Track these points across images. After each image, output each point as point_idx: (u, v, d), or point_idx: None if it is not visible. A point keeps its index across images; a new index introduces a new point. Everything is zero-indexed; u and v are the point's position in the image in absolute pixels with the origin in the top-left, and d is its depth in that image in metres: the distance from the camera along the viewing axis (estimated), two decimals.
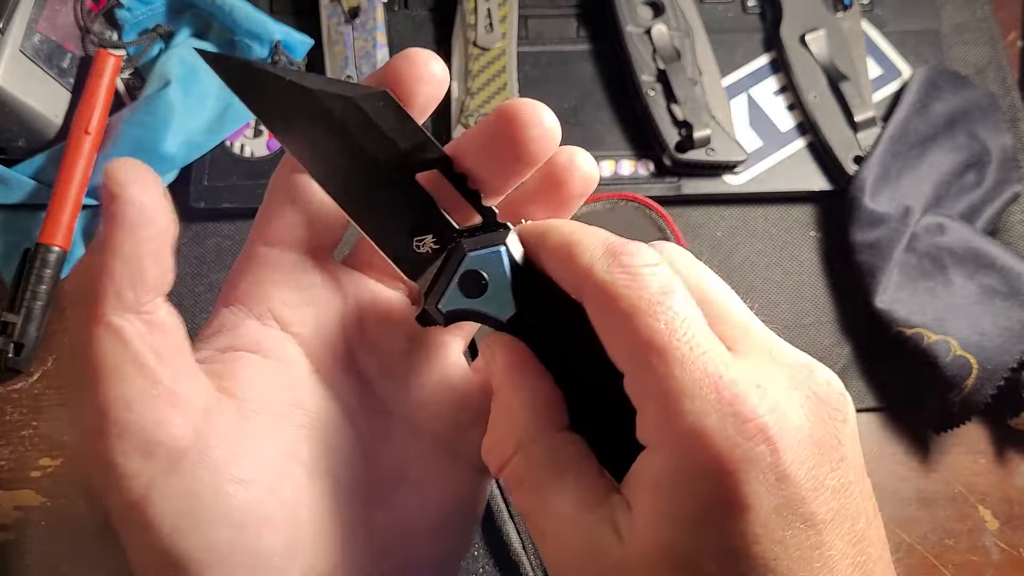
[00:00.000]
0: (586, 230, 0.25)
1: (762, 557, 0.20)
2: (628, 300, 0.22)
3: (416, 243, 0.28)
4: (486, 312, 0.27)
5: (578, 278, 0.24)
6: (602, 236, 0.25)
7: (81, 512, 0.53)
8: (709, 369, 0.21)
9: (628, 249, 0.24)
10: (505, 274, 0.27)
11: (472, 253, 0.27)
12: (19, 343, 0.54)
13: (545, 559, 0.26)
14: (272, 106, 0.27)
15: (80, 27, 0.60)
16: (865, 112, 0.59)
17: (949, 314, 0.53)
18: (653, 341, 0.22)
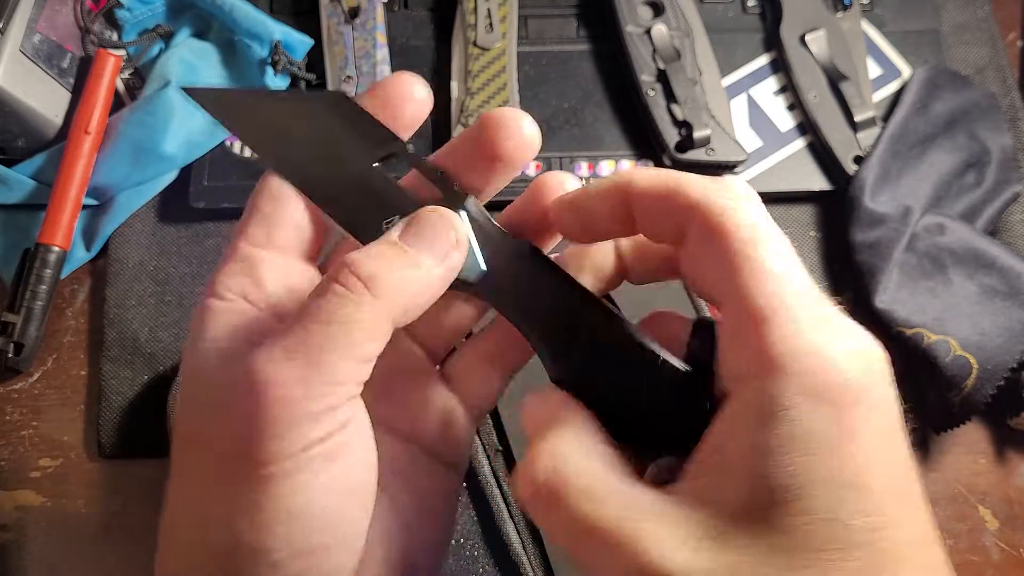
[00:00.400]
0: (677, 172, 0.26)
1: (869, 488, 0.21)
2: (752, 222, 0.24)
3: (385, 224, 0.28)
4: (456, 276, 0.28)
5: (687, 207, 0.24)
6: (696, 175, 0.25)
7: (81, 512, 0.53)
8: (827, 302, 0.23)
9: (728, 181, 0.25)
10: (468, 236, 0.28)
11: None
12: (19, 343, 0.54)
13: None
14: (243, 121, 0.30)
15: (80, 27, 0.60)
16: (865, 112, 0.59)
17: (949, 314, 0.53)
18: (780, 262, 0.24)
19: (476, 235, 0.28)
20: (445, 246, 0.26)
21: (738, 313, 0.23)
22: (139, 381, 0.55)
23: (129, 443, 0.54)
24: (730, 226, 0.24)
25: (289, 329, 0.24)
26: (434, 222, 0.26)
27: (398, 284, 0.25)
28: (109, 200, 0.58)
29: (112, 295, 0.57)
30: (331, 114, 0.30)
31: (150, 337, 0.56)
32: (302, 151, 0.29)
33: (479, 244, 0.28)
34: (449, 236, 0.26)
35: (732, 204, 0.24)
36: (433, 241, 0.26)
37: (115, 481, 0.54)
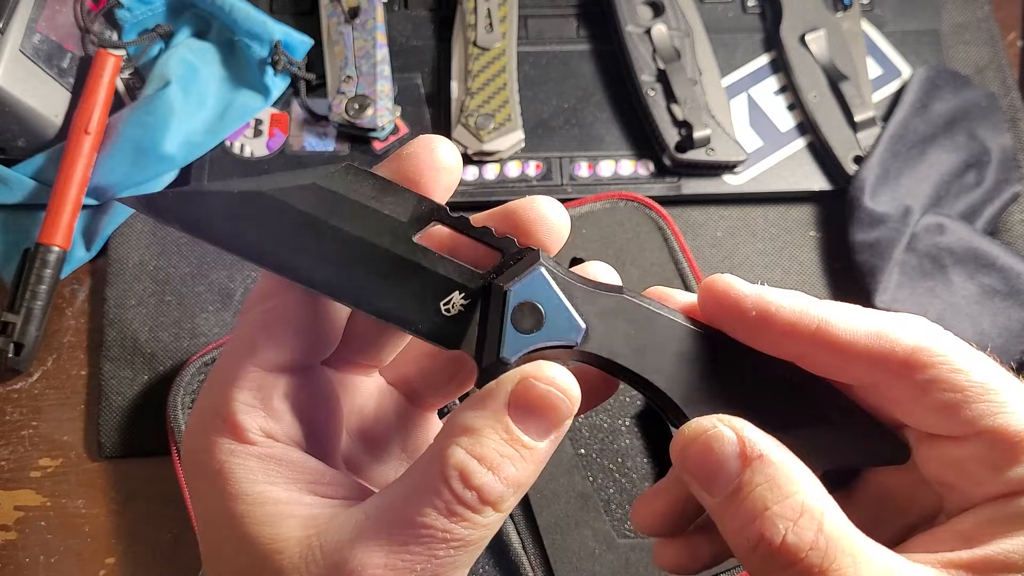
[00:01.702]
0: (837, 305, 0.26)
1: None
2: (971, 365, 0.25)
3: (444, 307, 0.25)
4: (555, 343, 0.24)
5: (900, 361, 0.25)
6: (897, 315, 0.26)
7: (81, 512, 0.53)
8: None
9: (934, 326, 0.26)
10: (556, 294, 0.24)
11: (513, 286, 0.24)
12: (19, 343, 0.54)
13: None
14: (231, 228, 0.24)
15: (80, 27, 0.60)
16: (865, 112, 0.59)
17: (949, 314, 0.53)
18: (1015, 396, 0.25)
19: (563, 292, 0.24)
20: (562, 420, 0.24)
21: (979, 441, 0.24)
22: (139, 381, 0.55)
23: (129, 443, 0.54)
24: (958, 380, 0.25)
25: (412, 550, 0.22)
26: (551, 399, 0.23)
27: (524, 484, 0.23)
28: (109, 200, 0.58)
29: (112, 295, 0.57)
30: (344, 190, 0.25)
31: (150, 337, 0.56)
32: (310, 244, 0.24)
33: (569, 301, 0.25)
34: (566, 408, 0.24)
35: (947, 351, 0.25)
36: (550, 421, 0.24)
37: (115, 481, 0.54)
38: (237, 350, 0.25)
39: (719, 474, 0.24)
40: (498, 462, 0.23)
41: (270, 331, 0.25)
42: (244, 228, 0.24)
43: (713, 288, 0.25)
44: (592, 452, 0.52)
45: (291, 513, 0.23)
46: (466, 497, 0.22)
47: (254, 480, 0.23)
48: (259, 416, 0.24)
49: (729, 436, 0.23)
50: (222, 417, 0.24)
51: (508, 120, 0.59)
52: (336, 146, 0.60)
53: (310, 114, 0.61)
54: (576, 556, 0.50)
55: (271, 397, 0.25)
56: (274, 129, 0.61)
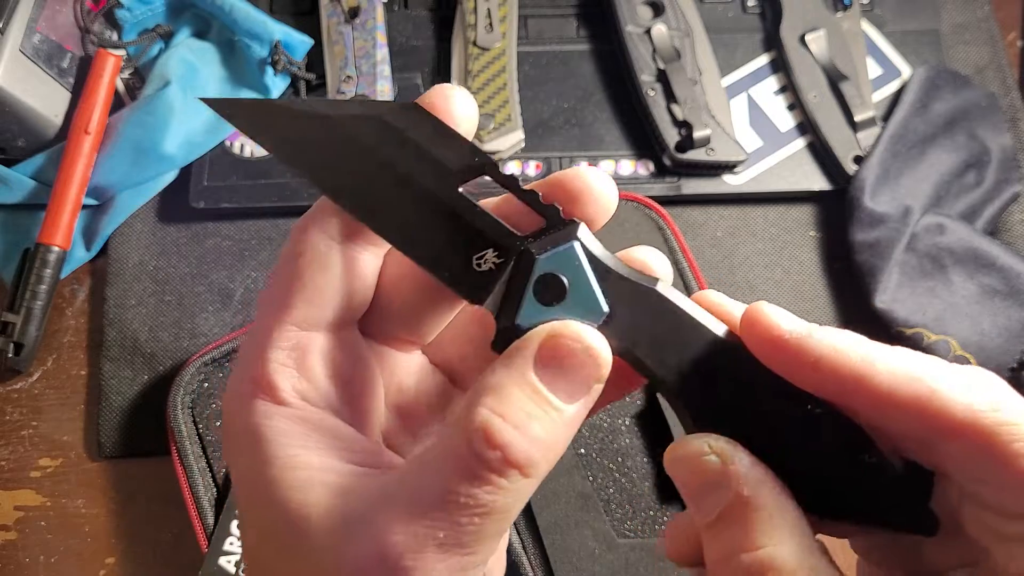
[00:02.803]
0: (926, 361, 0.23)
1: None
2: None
3: (476, 261, 0.24)
4: (572, 319, 0.24)
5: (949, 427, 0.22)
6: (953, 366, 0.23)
7: (81, 512, 0.53)
8: None
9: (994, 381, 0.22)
10: (585, 272, 0.24)
11: (542, 256, 0.24)
12: (19, 343, 0.54)
13: None
14: (292, 143, 0.25)
15: (80, 27, 0.60)
16: (865, 112, 0.59)
17: (949, 314, 0.53)
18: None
19: (592, 270, 0.24)
20: (591, 381, 0.23)
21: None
22: (139, 381, 0.55)
23: (129, 443, 0.54)
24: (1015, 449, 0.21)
25: (435, 515, 0.21)
26: (579, 357, 0.23)
27: (553, 449, 0.22)
28: (109, 200, 0.58)
29: (112, 295, 0.57)
30: (404, 129, 0.25)
31: (150, 337, 0.56)
32: (363, 172, 0.25)
33: (596, 281, 0.24)
34: (595, 367, 0.23)
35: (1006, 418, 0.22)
36: (579, 382, 0.23)
37: (115, 481, 0.54)
38: (269, 308, 0.24)
39: (703, 499, 0.23)
40: (523, 421, 0.22)
41: (302, 286, 0.24)
42: (305, 146, 0.25)
43: (752, 318, 0.24)
44: (592, 452, 0.52)
45: (320, 480, 0.23)
46: (489, 458, 0.21)
47: (286, 443, 0.23)
48: (293, 376, 0.24)
49: (716, 465, 0.23)
50: (255, 378, 0.24)
51: (508, 120, 0.59)
52: None
53: None
54: (576, 556, 0.50)
55: (305, 356, 0.24)
56: None
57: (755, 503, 0.22)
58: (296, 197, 0.59)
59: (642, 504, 0.51)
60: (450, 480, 0.21)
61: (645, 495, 0.52)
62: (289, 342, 0.24)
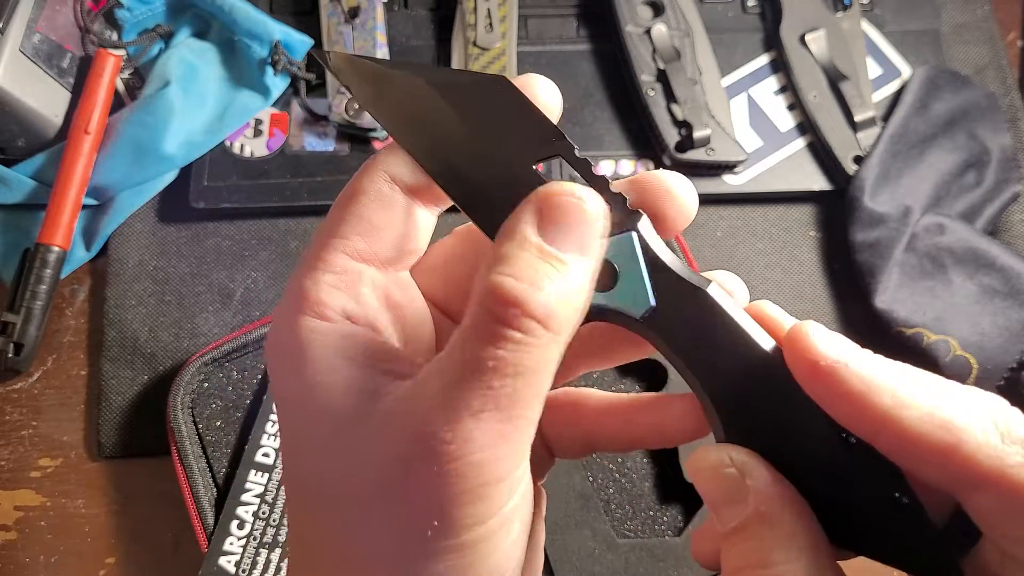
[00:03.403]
0: (948, 390, 0.22)
1: None
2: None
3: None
4: (617, 308, 0.24)
5: (976, 476, 0.21)
6: (988, 406, 0.22)
7: (81, 512, 0.53)
8: None
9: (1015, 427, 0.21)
10: (638, 262, 0.24)
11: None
12: (19, 343, 0.54)
13: None
14: (383, 96, 0.26)
15: (80, 27, 0.60)
16: (865, 112, 0.59)
17: (949, 314, 0.53)
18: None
19: (646, 262, 0.24)
20: (592, 229, 0.23)
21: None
22: (139, 381, 0.55)
23: (129, 443, 0.54)
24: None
25: (466, 386, 0.21)
26: (576, 209, 0.22)
27: (570, 303, 0.22)
28: (109, 200, 0.58)
29: (112, 295, 0.57)
30: (489, 100, 0.25)
31: (150, 337, 0.56)
32: (445, 133, 0.25)
33: (648, 273, 0.24)
34: (593, 216, 0.23)
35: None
36: (582, 234, 0.22)
37: (115, 481, 0.54)
38: (324, 235, 0.25)
39: (723, 508, 0.23)
40: (535, 277, 0.21)
41: (359, 219, 0.25)
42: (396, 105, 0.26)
43: (794, 337, 0.23)
44: None
45: (360, 383, 0.23)
46: (508, 316, 0.21)
47: (333, 355, 0.23)
48: (342, 297, 0.24)
49: (736, 479, 0.23)
50: (305, 295, 0.24)
51: None
52: (336, 146, 0.60)
53: (310, 114, 0.61)
54: (576, 556, 0.50)
55: (356, 283, 0.24)
56: (274, 129, 0.61)
57: (771, 520, 0.22)
58: (296, 197, 0.59)
59: (642, 504, 0.51)
60: (475, 348, 0.21)
61: (645, 495, 0.52)
62: (339, 267, 0.24)
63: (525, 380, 0.21)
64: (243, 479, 0.49)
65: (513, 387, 0.21)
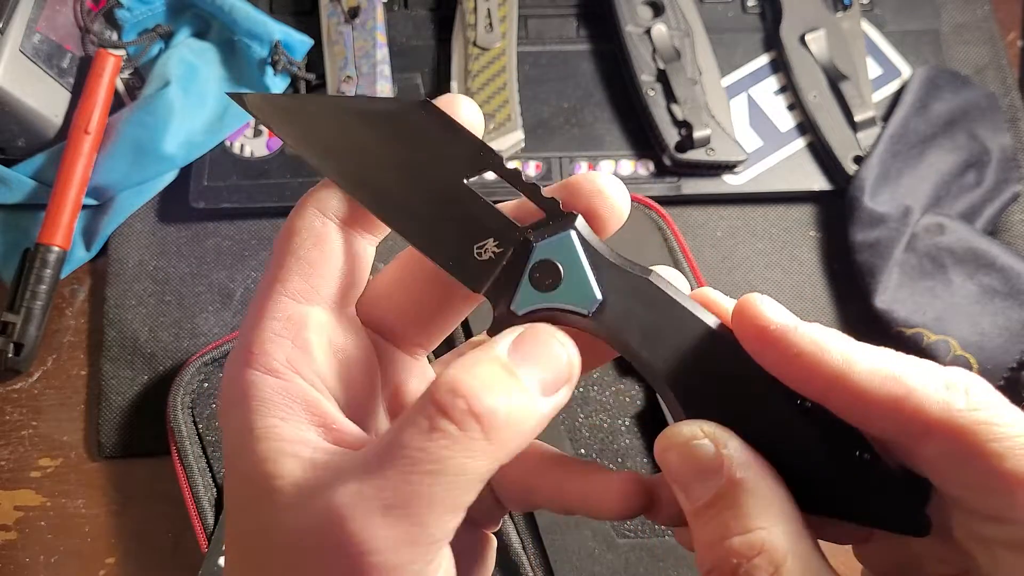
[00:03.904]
0: (899, 357, 0.22)
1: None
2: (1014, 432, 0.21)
3: (477, 250, 0.25)
4: (566, 307, 0.24)
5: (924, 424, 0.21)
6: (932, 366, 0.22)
7: (81, 512, 0.53)
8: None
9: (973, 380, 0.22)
10: (580, 259, 0.24)
11: (540, 243, 0.25)
12: (19, 343, 0.54)
13: None
14: (305, 131, 0.26)
15: (80, 27, 0.60)
16: (865, 112, 0.59)
17: (949, 314, 0.53)
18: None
19: (587, 258, 0.25)
20: (559, 375, 0.23)
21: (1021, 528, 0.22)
22: (139, 381, 0.55)
23: (129, 443, 0.54)
24: (992, 449, 0.21)
25: (384, 474, 0.20)
26: (548, 343, 0.23)
27: (516, 424, 0.21)
28: (109, 200, 0.58)
29: (112, 295, 0.57)
30: (413, 124, 0.26)
31: (150, 337, 0.56)
32: (373, 162, 0.26)
33: (591, 269, 0.24)
34: (564, 362, 0.23)
35: (983, 417, 0.21)
36: (547, 368, 0.23)
37: (115, 481, 0.54)
38: (266, 281, 0.25)
39: (694, 485, 0.23)
40: (492, 383, 0.21)
41: (297, 259, 0.25)
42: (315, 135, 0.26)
43: (742, 307, 0.24)
44: (592, 452, 0.52)
45: (294, 452, 0.22)
46: (449, 404, 0.20)
47: (266, 413, 0.23)
48: (287, 346, 0.24)
49: (709, 450, 0.23)
50: (249, 345, 0.24)
51: (508, 120, 0.59)
52: None
53: None
54: (576, 556, 0.50)
55: (301, 328, 0.24)
56: None
57: (747, 487, 0.22)
58: (296, 197, 0.58)
59: None
60: (404, 434, 0.21)
61: None
62: (284, 313, 0.24)
63: (445, 483, 0.20)
64: None
65: (430, 488, 0.20)
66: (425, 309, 0.28)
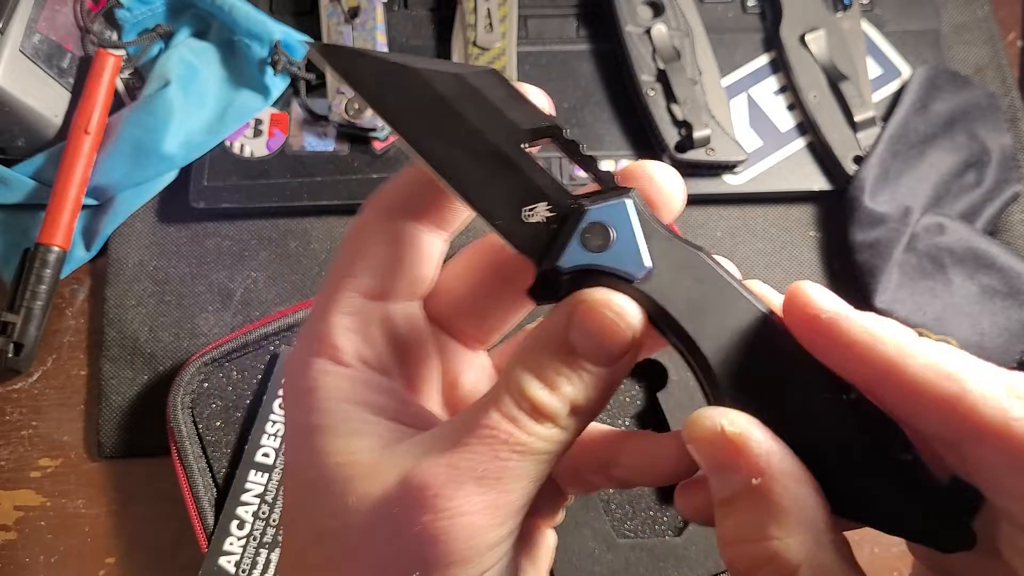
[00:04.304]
0: (960, 356, 0.21)
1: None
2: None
3: (526, 212, 0.25)
4: (614, 267, 0.24)
5: (977, 427, 0.20)
6: (993, 368, 0.21)
7: (81, 512, 0.53)
8: None
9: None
10: (632, 225, 0.24)
11: (593, 207, 0.24)
12: (19, 343, 0.54)
13: None
14: (379, 89, 0.26)
15: (80, 27, 0.60)
16: (865, 112, 0.59)
17: (949, 314, 0.53)
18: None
19: (641, 225, 0.24)
20: (620, 344, 0.23)
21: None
22: (139, 381, 0.55)
23: (129, 443, 0.54)
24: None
25: (475, 449, 0.22)
26: (601, 316, 0.23)
27: (585, 405, 0.23)
28: (109, 200, 0.58)
29: (112, 295, 0.57)
30: (483, 88, 0.26)
31: (150, 337, 0.56)
32: (438, 121, 0.26)
33: (644, 237, 0.24)
34: (622, 330, 0.23)
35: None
36: (606, 341, 0.23)
37: (115, 481, 0.54)
38: (337, 275, 0.26)
39: (720, 474, 0.23)
40: (554, 379, 0.23)
41: (365, 256, 0.26)
42: (389, 92, 0.26)
43: (794, 294, 0.23)
44: None
45: (368, 431, 0.24)
46: (524, 407, 0.23)
47: (340, 399, 0.24)
48: (356, 339, 0.25)
49: (731, 445, 0.22)
50: (320, 337, 0.25)
51: None
52: (336, 146, 0.60)
53: (310, 114, 0.61)
54: (576, 556, 0.50)
55: (368, 323, 0.25)
56: (274, 129, 0.61)
57: (767, 492, 0.21)
58: (296, 197, 0.59)
59: (642, 504, 0.51)
60: (490, 418, 0.23)
61: (645, 495, 0.52)
62: (352, 307, 0.25)
63: (531, 460, 0.23)
64: (243, 479, 0.49)
65: (517, 463, 0.22)
66: (485, 305, 0.29)
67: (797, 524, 0.21)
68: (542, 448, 0.23)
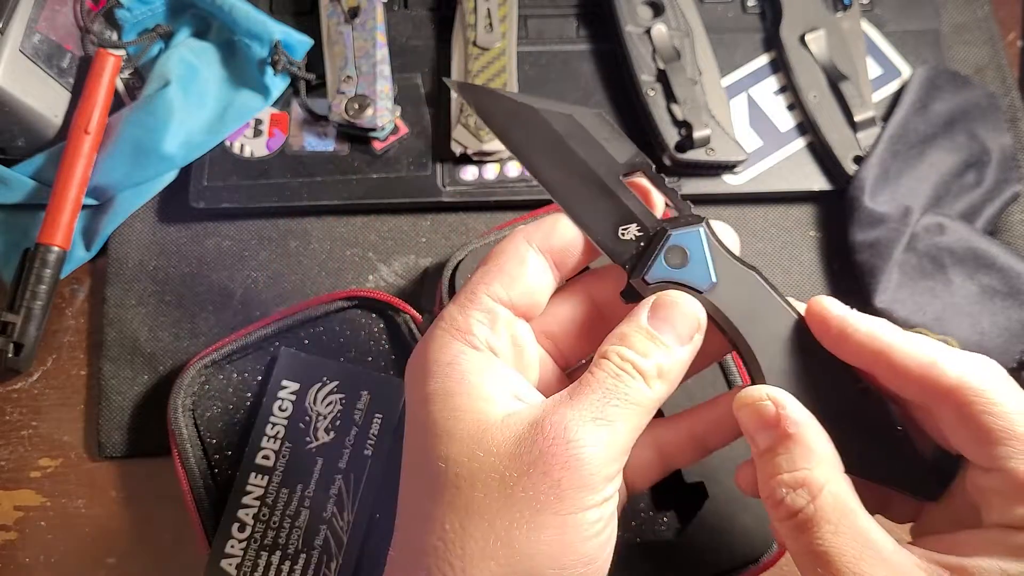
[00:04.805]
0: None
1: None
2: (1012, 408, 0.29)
3: (621, 231, 0.33)
4: (688, 281, 0.32)
5: (945, 390, 0.29)
6: (963, 352, 0.30)
7: (81, 512, 0.53)
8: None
9: (990, 363, 0.30)
10: (704, 249, 0.33)
11: (675, 231, 0.33)
12: (19, 343, 0.54)
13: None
14: (506, 125, 0.34)
15: (80, 27, 0.60)
16: (865, 112, 0.59)
17: (949, 314, 0.53)
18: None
19: (709, 249, 0.33)
20: (691, 326, 0.32)
21: (999, 476, 0.28)
22: (139, 381, 0.55)
23: (129, 443, 0.54)
24: (989, 418, 0.29)
25: (590, 399, 0.30)
26: (676, 304, 0.32)
27: (666, 372, 0.31)
28: (109, 200, 0.58)
29: (112, 295, 0.57)
30: (590, 127, 0.34)
31: (150, 337, 0.56)
32: (552, 152, 0.34)
33: (711, 258, 0.33)
34: (692, 315, 0.32)
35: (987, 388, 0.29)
36: (680, 323, 0.32)
37: (115, 481, 0.54)
38: (475, 281, 0.33)
39: (760, 433, 0.31)
40: (644, 350, 0.31)
41: (500, 271, 0.33)
42: (515, 128, 0.35)
43: (812, 305, 0.32)
44: None
45: (496, 399, 0.30)
46: (625, 367, 0.30)
47: (477, 372, 0.31)
48: (487, 331, 0.32)
49: (770, 409, 0.31)
50: (460, 326, 0.32)
51: None
52: (336, 146, 0.60)
53: (310, 114, 0.61)
54: None
55: (495, 321, 0.32)
56: (274, 129, 0.61)
57: (797, 438, 0.30)
58: (296, 197, 0.59)
59: (641, 504, 0.51)
60: (600, 375, 0.30)
61: (645, 495, 0.52)
62: (487, 307, 0.32)
63: (631, 409, 0.30)
64: (243, 482, 0.49)
65: (623, 410, 0.30)
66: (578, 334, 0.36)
67: (820, 460, 0.30)
68: (638, 399, 0.30)
